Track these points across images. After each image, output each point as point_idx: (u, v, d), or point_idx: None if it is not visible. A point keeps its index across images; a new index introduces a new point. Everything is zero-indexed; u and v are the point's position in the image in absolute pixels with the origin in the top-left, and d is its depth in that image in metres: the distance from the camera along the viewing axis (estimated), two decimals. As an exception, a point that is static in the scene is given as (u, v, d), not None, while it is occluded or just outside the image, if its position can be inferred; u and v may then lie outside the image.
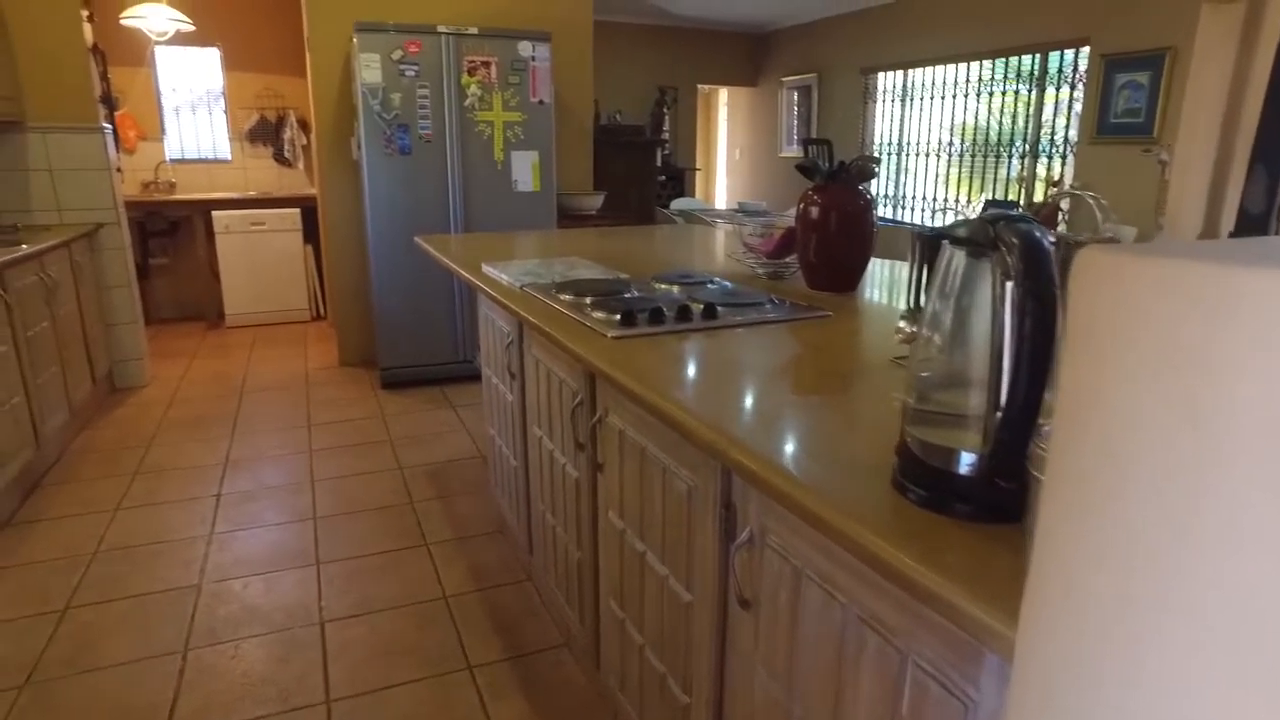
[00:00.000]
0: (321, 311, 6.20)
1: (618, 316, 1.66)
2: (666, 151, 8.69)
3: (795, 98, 8.89)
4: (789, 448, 1.00)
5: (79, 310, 3.86)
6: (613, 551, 1.63)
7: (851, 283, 2.06)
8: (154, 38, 5.34)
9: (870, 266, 2.32)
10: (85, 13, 4.08)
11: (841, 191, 1.99)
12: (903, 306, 1.89)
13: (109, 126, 4.25)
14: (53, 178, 4.11)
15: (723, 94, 10.51)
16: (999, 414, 0.73)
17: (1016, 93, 6.18)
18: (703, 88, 9.56)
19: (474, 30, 4.10)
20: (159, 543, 2.73)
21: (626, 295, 1.90)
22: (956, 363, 0.82)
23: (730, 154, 10.52)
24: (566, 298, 1.88)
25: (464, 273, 2.30)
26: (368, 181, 4.08)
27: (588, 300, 1.85)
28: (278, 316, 6.01)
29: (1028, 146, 6.10)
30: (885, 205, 7.72)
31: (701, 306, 1.72)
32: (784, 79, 8.95)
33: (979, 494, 0.78)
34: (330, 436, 3.68)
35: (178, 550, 2.67)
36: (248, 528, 2.83)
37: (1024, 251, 0.71)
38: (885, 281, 2.19)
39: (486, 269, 2.28)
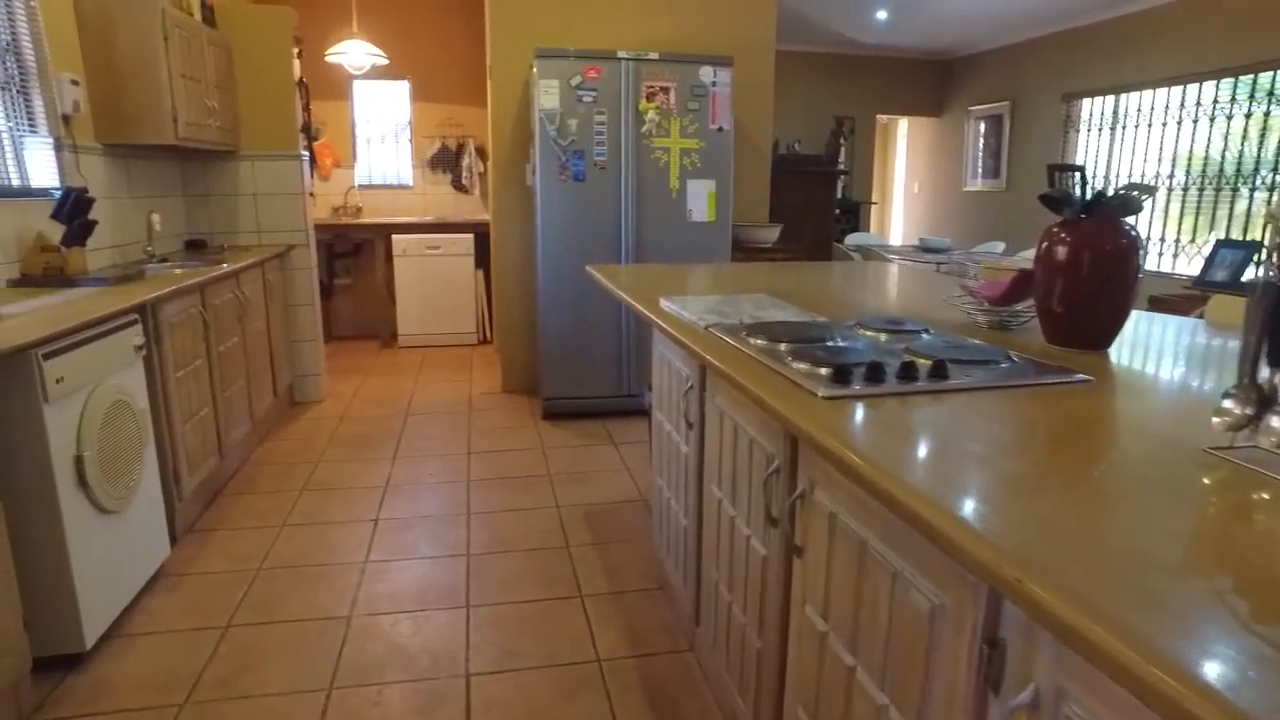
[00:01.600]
0: (488, 336, 6.29)
1: (824, 370, 1.39)
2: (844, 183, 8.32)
3: (983, 128, 8.28)
4: (1101, 582, 0.70)
5: (267, 327, 4.03)
6: (808, 654, 1.35)
7: (1104, 339, 1.69)
8: (352, 71, 5.63)
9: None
10: (296, 50, 4.31)
11: (1099, 228, 1.63)
12: (1214, 378, 1.51)
13: (306, 154, 4.46)
14: (256, 201, 4.34)
15: (902, 124, 10.00)
16: None
17: (1267, 114, 5.37)
18: (881, 118, 9.13)
19: (654, 55, 3.99)
20: (318, 565, 2.70)
21: (829, 343, 1.62)
22: None
23: (908, 187, 9.97)
24: (759, 342, 1.63)
25: (640, 306, 2.11)
26: (540, 208, 4.04)
27: (784, 347, 1.59)
28: (446, 339, 6.14)
29: (1277, 178, 5.28)
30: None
31: (929, 363, 1.42)
32: (971, 108, 8.37)
33: None
34: (489, 466, 3.61)
35: (334, 576, 2.63)
36: (401, 559, 2.75)
37: None
38: (1146, 340, 1.80)
39: (665, 304, 2.07)
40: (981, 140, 8.34)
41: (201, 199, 4.30)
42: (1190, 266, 5.82)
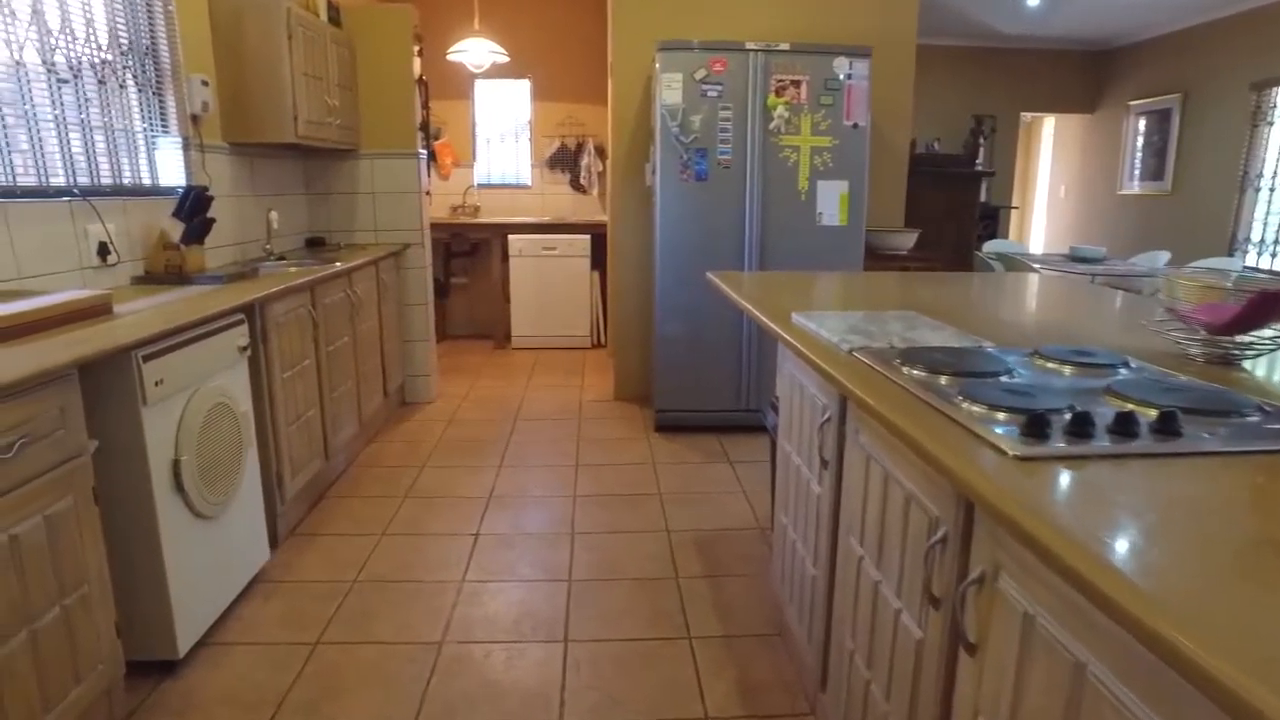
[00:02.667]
0: (602, 339, 6.15)
1: (1007, 416, 1.10)
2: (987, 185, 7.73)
3: (1144, 125, 7.50)
4: None
5: (379, 326, 3.99)
6: (979, 778, 1.06)
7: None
8: (472, 70, 5.60)
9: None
10: (416, 48, 4.27)
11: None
12: None
13: (424, 153, 4.42)
14: (374, 200, 4.33)
15: (1048, 123, 9.25)
16: None
17: None
18: (1025, 116, 8.45)
19: (785, 46, 3.70)
20: (414, 581, 2.57)
21: (1005, 378, 1.32)
22: None
23: (1053, 190, 9.21)
24: (917, 373, 1.35)
25: (768, 322, 1.85)
26: (659, 209, 3.82)
27: (949, 380, 1.30)
28: (559, 341, 6.04)
29: None
30: (1263, 253, 6.17)
31: (1152, 413, 1.10)
32: (1132, 102, 7.60)
33: None
34: (596, 481, 3.42)
35: (429, 595, 2.49)
36: (499, 580, 2.59)
37: None
38: None
39: (799, 320, 1.81)
40: (1142, 138, 7.56)
41: (322, 197, 4.33)
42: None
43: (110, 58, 2.73)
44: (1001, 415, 1.11)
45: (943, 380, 1.31)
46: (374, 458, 3.69)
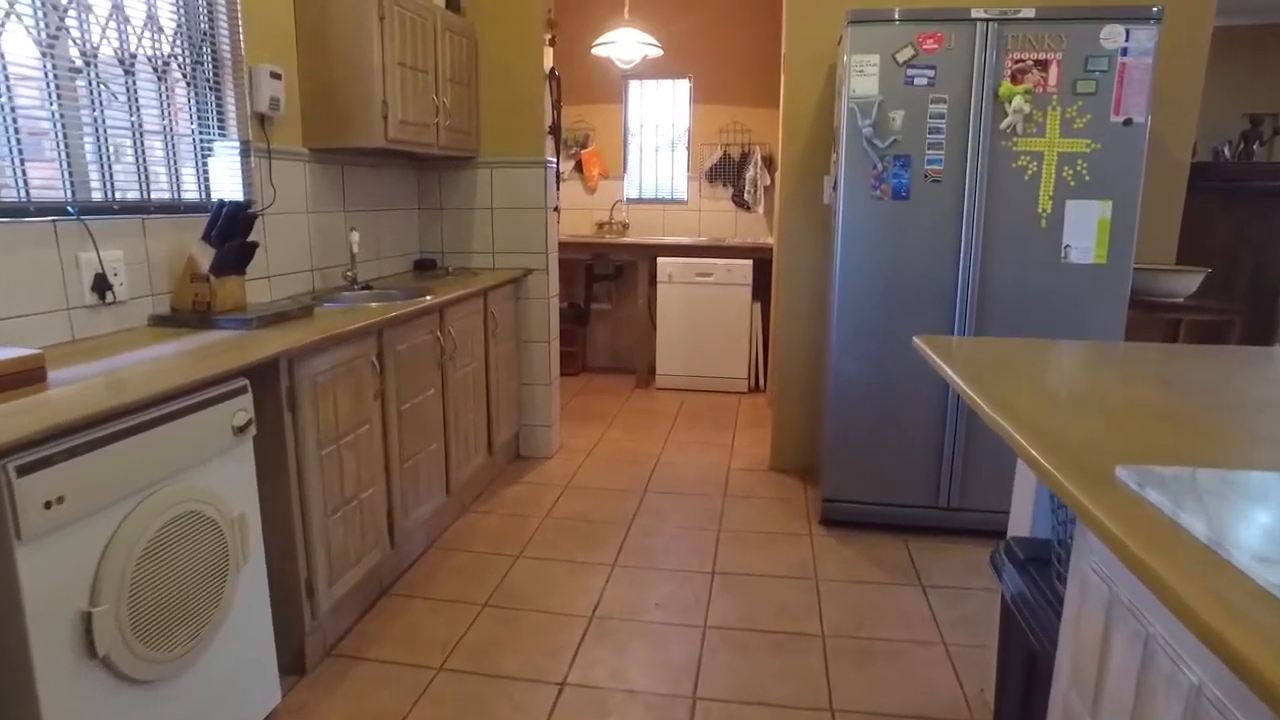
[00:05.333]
0: (760, 383, 5.23)
1: None
2: None
3: None
4: None
5: (486, 369, 3.30)
6: None
7: None
8: (620, 65, 4.86)
9: None
10: (548, 36, 3.57)
11: None
12: None
13: (553, 161, 3.71)
14: (492, 217, 3.67)
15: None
16: None
17: None
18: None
19: (1028, 12, 2.66)
20: (460, 768, 1.80)
21: None
22: None
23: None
24: None
25: (1068, 485, 0.91)
26: (840, 235, 2.88)
27: None
28: (710, 383, 5.18)
29: None
30: None
31: None
32: None
33: None
34: (736, 603, 2.53)
35: (474, 802, 1.70)
36: (578, 785, 1.76)
37: None
38: None
39: (1124, 476, 0.85)
40: None
41: (434, 213, 3.72)
42: None
43: (149, 44, 2.18)
44: None
45: None
46: (463, 536, 2.99)
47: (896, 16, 2.71)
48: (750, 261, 4.98)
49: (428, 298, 2.76)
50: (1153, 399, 1.36)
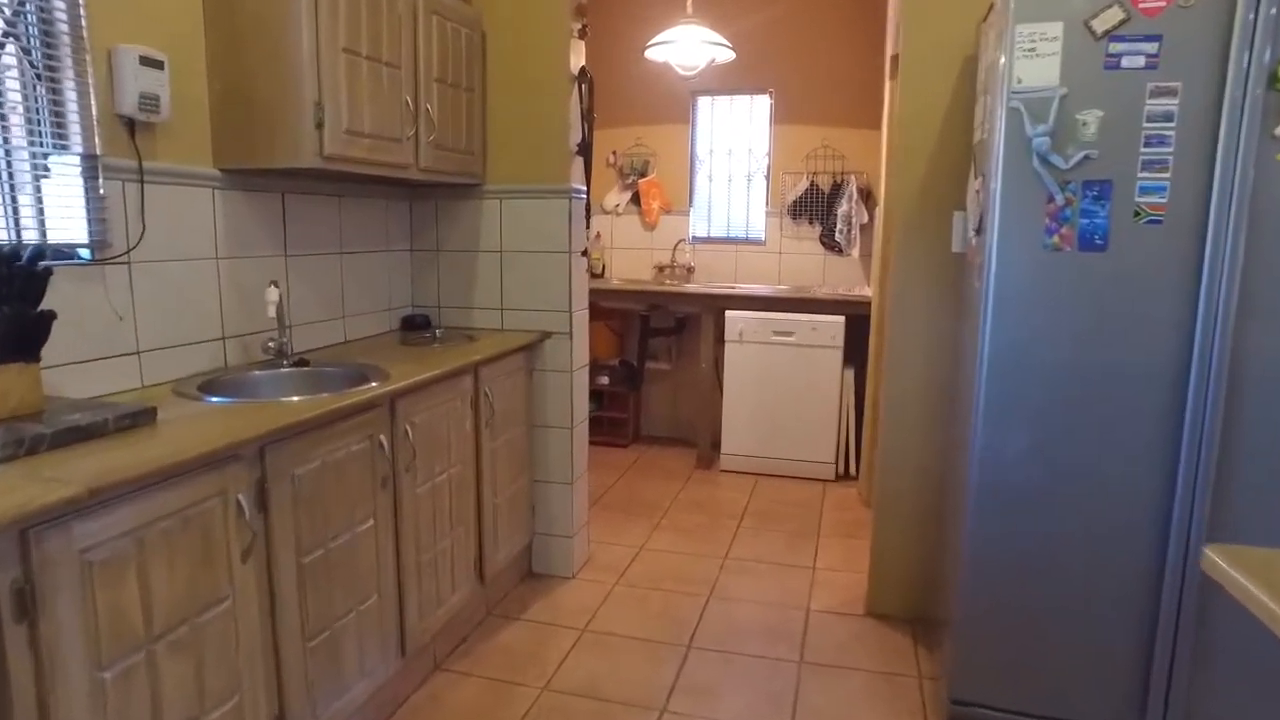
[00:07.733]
0: (851, 469, 4.18)
1: None
2: None
3: None
4: None
5: (476, 471, 2.41)
6: None
7: None
8: (682, 73, 3.97)
9: None
10: (577, 26, 2.71)
11: None
12: None
13: (582, 190, 2.83)
14: (501, 262, 2.81)
15: None
16: None
17: None
18: None
19: (1315, -47, 1.63)
20: None
21: None
22: None
23: None
24: None
25: None
26: (992, 299, 1.87)
27: None
28: (787, 466, 4.17)
29: None
30: None
31: None
32: None
33: None
34: None
35: None
36: None
37: None
38: None
39: None
40: None
41: (429, 256, 2.88)
42: None
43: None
44: None
45: None
46: (421, 717, 2.08)
47: (1088, -35, 1.73)
48: (842, 318, 3.98)
49: (372, 384, 1.90)
50: None
